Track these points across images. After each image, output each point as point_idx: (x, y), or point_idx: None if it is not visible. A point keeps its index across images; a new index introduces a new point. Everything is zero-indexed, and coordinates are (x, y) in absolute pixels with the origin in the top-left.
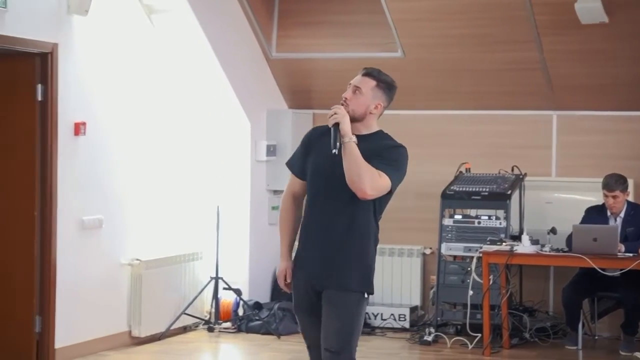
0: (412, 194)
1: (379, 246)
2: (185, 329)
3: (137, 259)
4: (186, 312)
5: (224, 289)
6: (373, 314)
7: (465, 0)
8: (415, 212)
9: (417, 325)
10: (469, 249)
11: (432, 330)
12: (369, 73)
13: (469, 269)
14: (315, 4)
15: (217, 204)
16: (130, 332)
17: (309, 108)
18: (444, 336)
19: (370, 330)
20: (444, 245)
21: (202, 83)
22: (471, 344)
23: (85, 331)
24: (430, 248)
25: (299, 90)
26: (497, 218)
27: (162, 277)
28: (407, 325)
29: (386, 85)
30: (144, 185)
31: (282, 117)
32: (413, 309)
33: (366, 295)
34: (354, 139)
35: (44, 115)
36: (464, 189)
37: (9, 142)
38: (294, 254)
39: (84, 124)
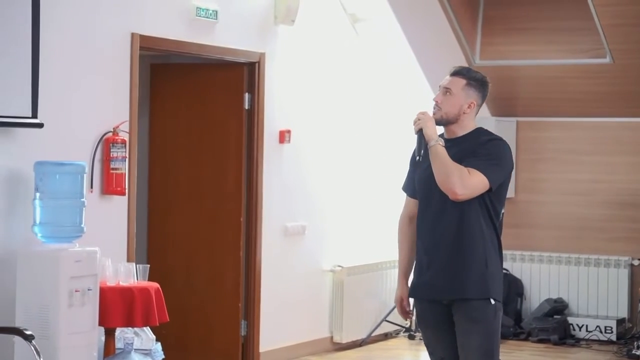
0: (619, 203)
1: (583, 256)
2: (386, 336)
3: (339, 266)
4: (387, 319)
5: None
6: (577, 325)
7: None
8: (622, 221)
9: (624, 338)
10: None
11: None
12: (458, 72)
13: None
14: (521, 10)
15: None
16: (332, 337)
17: (512, 116)
18: None
19: (574, 342)
20: None
21: (405, 91)
22: None
23: (288, 336)
24: (639, 259)
25: (502, 98)
26: None
27: (363, 283)
28: (613, 337)
29: (478, 83)
30: (346, 192)
31: (486, 125)
32: (620, 322)
33: (493, 302)
34: (441, 141)
35: (250, 123)
36: None
37: (219, 149)
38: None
39: (288, 131)
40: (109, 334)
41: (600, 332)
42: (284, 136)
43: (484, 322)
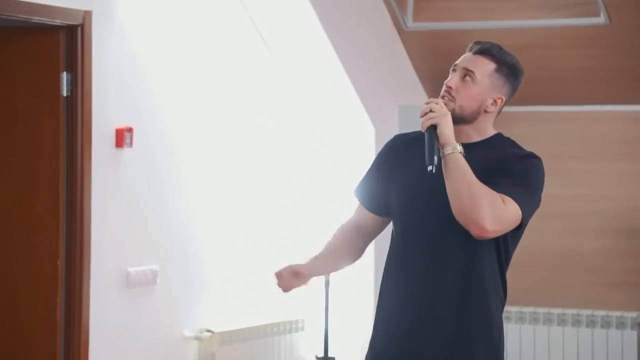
0: (616, 231)
1: (570, 311)
2: None
3: (208, 330)
4: None
5: None
6: None
7: None
8: (625, 258)
9: None
10: None
11: None
12: (486, 50)
13: None
14: None
15: None
16: None
17: None
18: None
19: None
20: None
21: (305, 68)
22: None
23: None
24: None
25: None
26: None
27: (245, 355)
28: None
29: (510, 70)
30: (219, 222)
31: None
32: None
33: None
34: (460, 148)
35: (71, 118)
36: None
37: (24, 156)
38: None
39: (130, 130)
40: None
41: None
42: (122, 137)
43: None
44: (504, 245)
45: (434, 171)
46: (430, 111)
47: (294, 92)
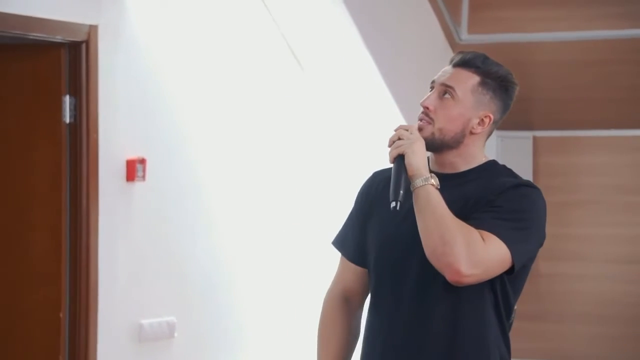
0: None
1: None
2: None
3: None
4: None
5: None
6: None
7: None
8: None
9: None
10: None
11: None
12: (468, 61)
13: None
14: None
15: None
16: None
17: (525, 129)
18: None
19: None
20: None
21: (343, 88)
22: None
23: None
24: None
25: None
26: None
27: None
28: None
29: (498, 83)
30: (246, 266)
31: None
32: None
33: None
34: (433, 180)
35: (75, 148)
36: None
37: (19, 193)
38: None
39: (142, 161)
40: None
41: None
42: (134, 169)
43: None
44: (502, 291)
45: (397, 208)
46: (399, 138)
47: (331, 116)
